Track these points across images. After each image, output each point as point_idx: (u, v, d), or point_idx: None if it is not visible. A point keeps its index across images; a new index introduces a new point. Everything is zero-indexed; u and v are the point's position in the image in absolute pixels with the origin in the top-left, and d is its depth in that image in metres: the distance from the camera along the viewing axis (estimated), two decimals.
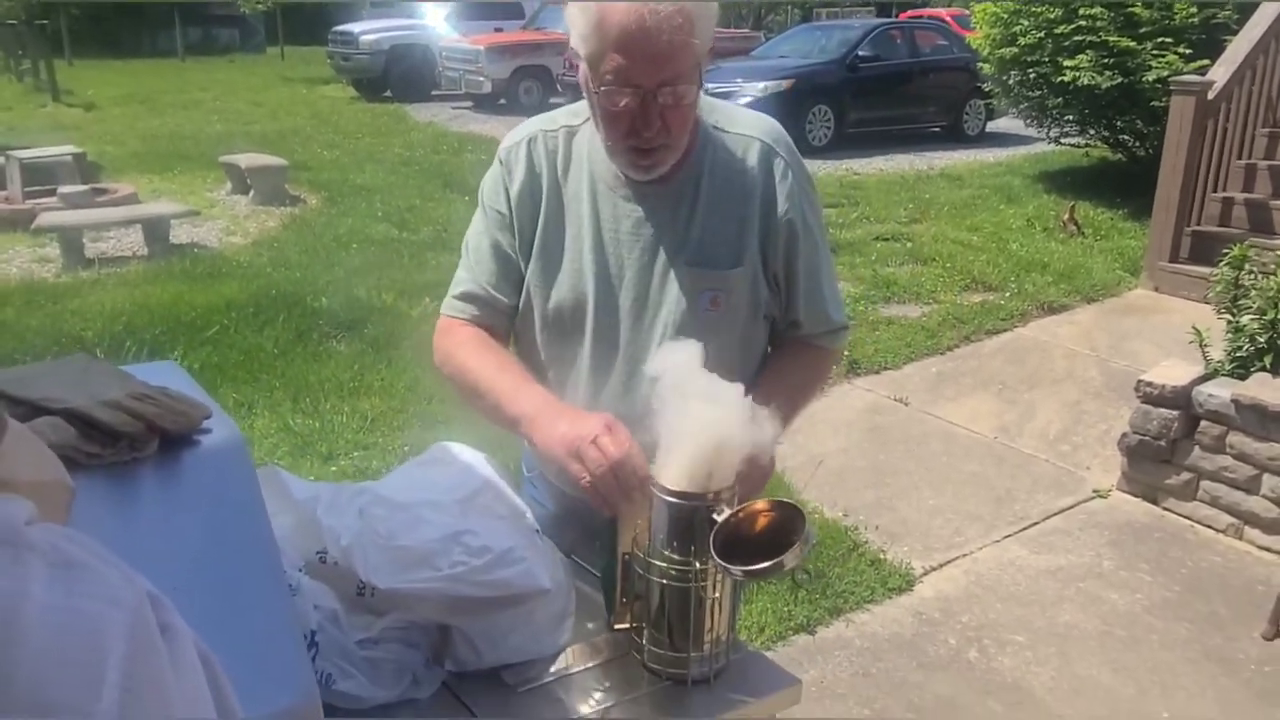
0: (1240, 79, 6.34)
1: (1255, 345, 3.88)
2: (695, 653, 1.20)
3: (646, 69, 1.29)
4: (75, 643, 0.55)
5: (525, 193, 1.50)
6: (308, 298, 5.77)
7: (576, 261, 1.47)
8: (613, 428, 1.25)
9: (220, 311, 5.49)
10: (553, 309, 1.49)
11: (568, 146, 1.51)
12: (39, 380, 1.03)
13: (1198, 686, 2.88)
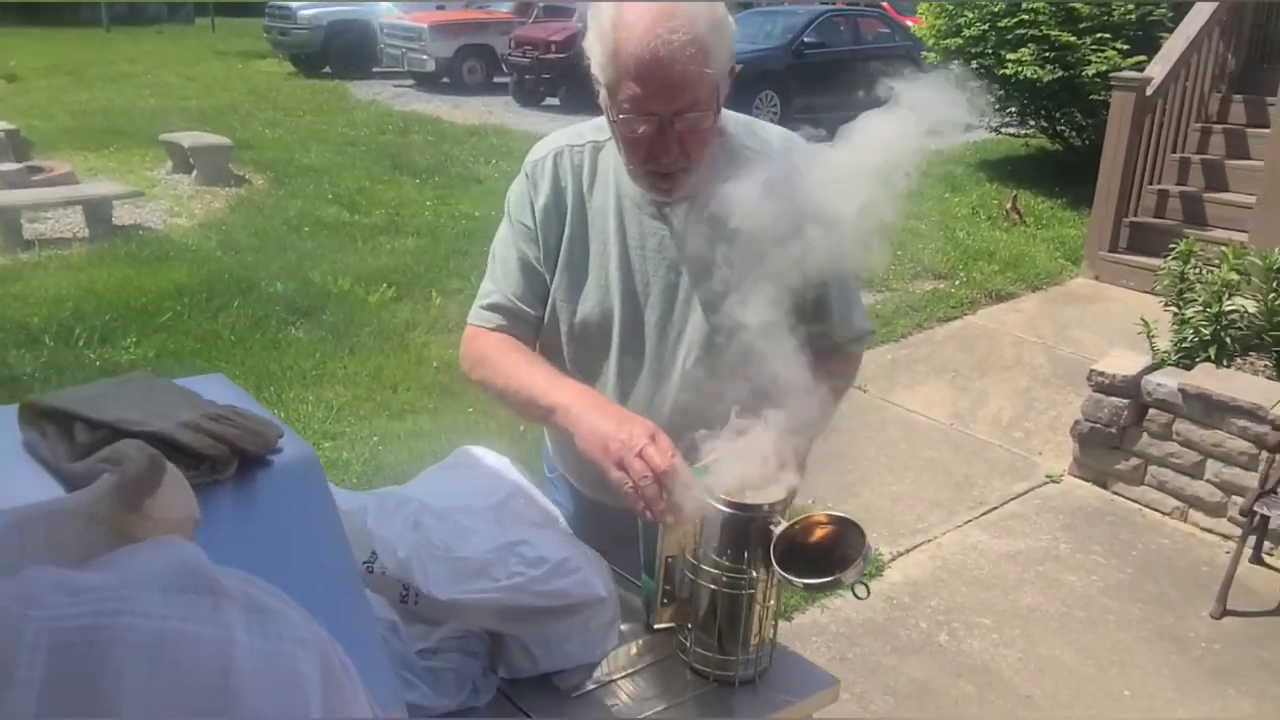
0: (1176, 76, 6.56)
1: (1200, 337, 4.05)
2: (743, 656, 1.25)
3: (662, 98, 1.32)
4: (281, 686, 0.57)
5: (551, 207, 1.52)
6: (262, 283, 5.67)
7: (603, 277, 1.50)
8: (657, 438, 1.26)
9: (172, 297, 5.38)
10: (579, 323, 1.51)
11: (594, 162, 1.53)
12: (109, 401, 1.02)
13: (1153, 665, 3.04)
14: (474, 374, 1.56)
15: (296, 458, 1.05)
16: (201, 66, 16.74)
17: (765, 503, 1.19)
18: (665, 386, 1.49)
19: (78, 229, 6.75)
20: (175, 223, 7.07)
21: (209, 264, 6.02)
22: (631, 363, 1.51)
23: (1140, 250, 6.47)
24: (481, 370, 1.53)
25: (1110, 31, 7.74)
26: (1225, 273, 4.02)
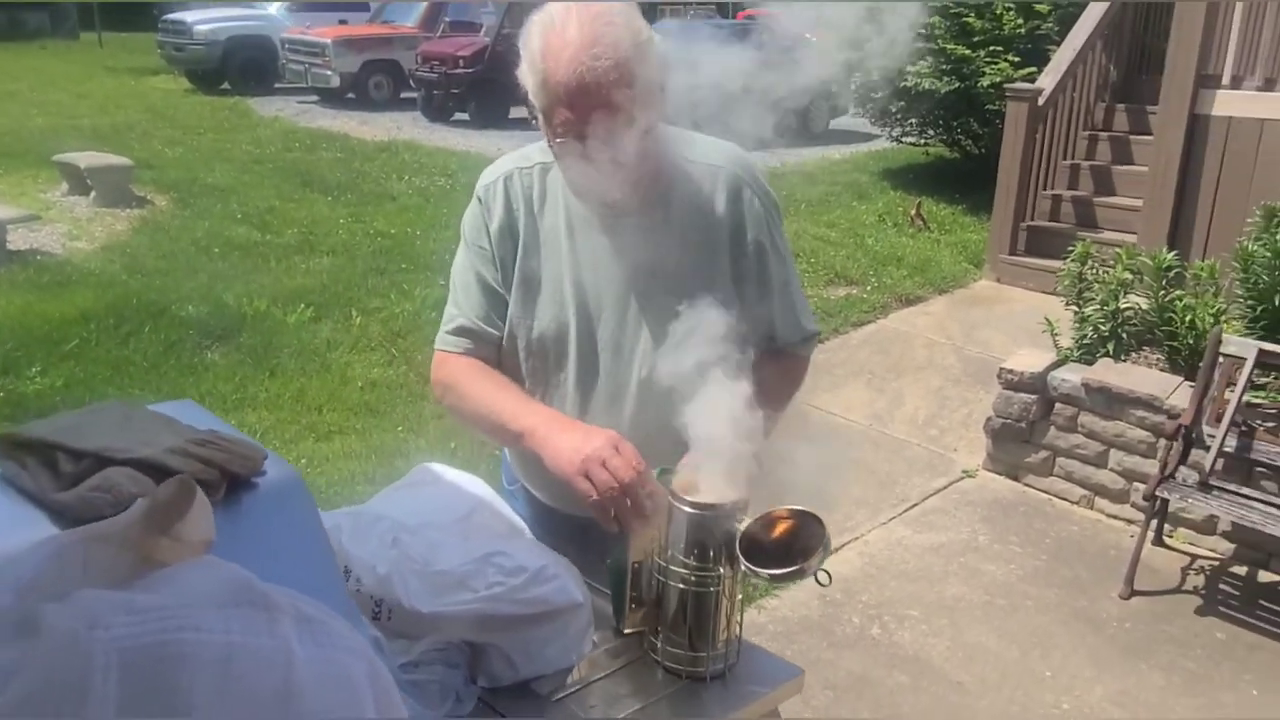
0: (1064, 86, 6.90)
1: (1099, 333, 4.28)
2: (712, 652, 1.30)
3: (591, 118, 1.36)
4: (337, 691, 0.60)
5: (504, 228, 1.56)
6: (172, 306, 5.52)
7: (557, 294, 1.54)
8: (620, 447, 1.32)
9: (77, 323, 5.20)
10: (536, 339, 1.56)
11: (543, 182, 1.57)
12: (89, 430, 1.03)
13: (1071, 646, 3.20)
14: (444, 400, 1.59)
15: (281, 478, 1.07)
16: (92, 83, 16.13)
17: (728, 501, 1.25)
18: (624, 397, 1.54)
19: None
20: (75, 246, 6.82)
21: (115, 288, 5.83)
22: (588, 375, 1.56)
23: (1038, 253, 6.78)
24: (450, 397, 1.57)
25: (1002, 45, 8.10)
26: (1120, 273, 4.26)
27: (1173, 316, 4.19)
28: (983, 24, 8.14)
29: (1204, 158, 5.62)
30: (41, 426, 1.03)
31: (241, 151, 10.28)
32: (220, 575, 0.62)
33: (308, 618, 0.62)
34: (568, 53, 1.34)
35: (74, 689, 0.52)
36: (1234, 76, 5.50)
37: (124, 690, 0.53)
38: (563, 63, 1.35)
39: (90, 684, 0.52)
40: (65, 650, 0.53)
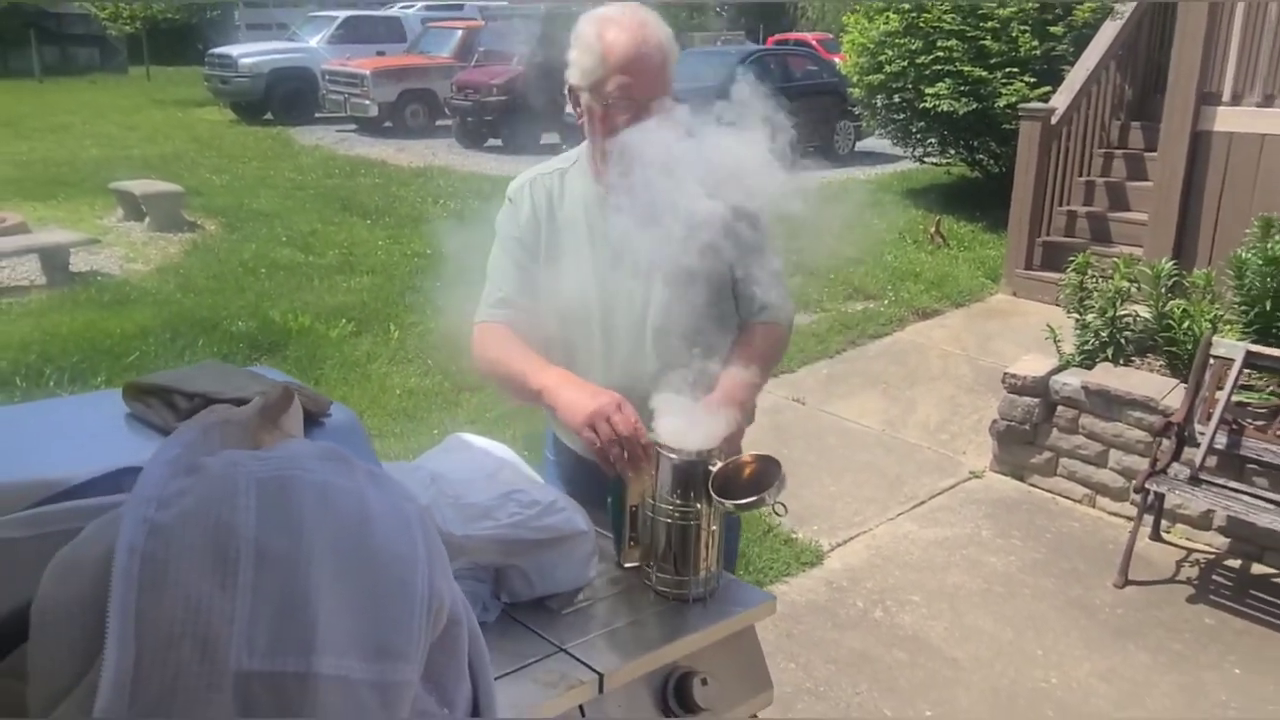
0: (1078, 105, 7.11)
1: (1099, 339, 4.48)
2: (695, 577, 1.55)
3: (644, 84, 1.71)
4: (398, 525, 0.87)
5: (530, 220, 1.89)
6: (223, 322, 5.88)
7: (579, 269, 1.85)
8: (622, 407, 1.61)
9: (136, 338, 5.56)
10: (564, 307, 1.85)
11: (561, 183, 1.91)
12: (196, 379, 1.31)
13: (1063, 628, 3.40)
14: (481, 367, 1.90)
15: (344, 421, 1.35)
16: (140, 115, 16.81)
17: (704, 449, 1.51)
18: (643, 348, 1.83)
19: (34, 277, 6.89)
20: (132, 268, 7.23)
21: (170, 306, 6.21)
22: (610, 331, 1.85)
23: (1053, 267, 6.95)
24: (485, 364, 1.88)
25: (1018, 66, 8.32)
26: (1118, 282, 4.47)
27: (1172, 323, 4.38)
28: (999, 46, 8.37)
29: (1207, 172, 5.81)
30: (160, 376, 1.32)
31: (284, 178, 10.74)
32: (315, 443, 0.89)
33: (376, 473, 0.89)
34: (625, 33, 1.71)
35: (226, 502, 0.79)
36: (1234, 94, 5.69)
37: (259, 504, 0.79)
38: (622, 39, 1.70)
39: (236, 499, 0.79)
40: (220, 479, 0.80)
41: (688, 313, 1.77)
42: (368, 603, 0.82)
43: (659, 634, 1.50)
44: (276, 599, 0.77)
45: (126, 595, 0.73)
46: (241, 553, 0.77)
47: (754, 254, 1.84)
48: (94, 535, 0.81)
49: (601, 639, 1.46)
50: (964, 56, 8.47)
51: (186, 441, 0.86)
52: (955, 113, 8.53)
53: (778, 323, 1.93)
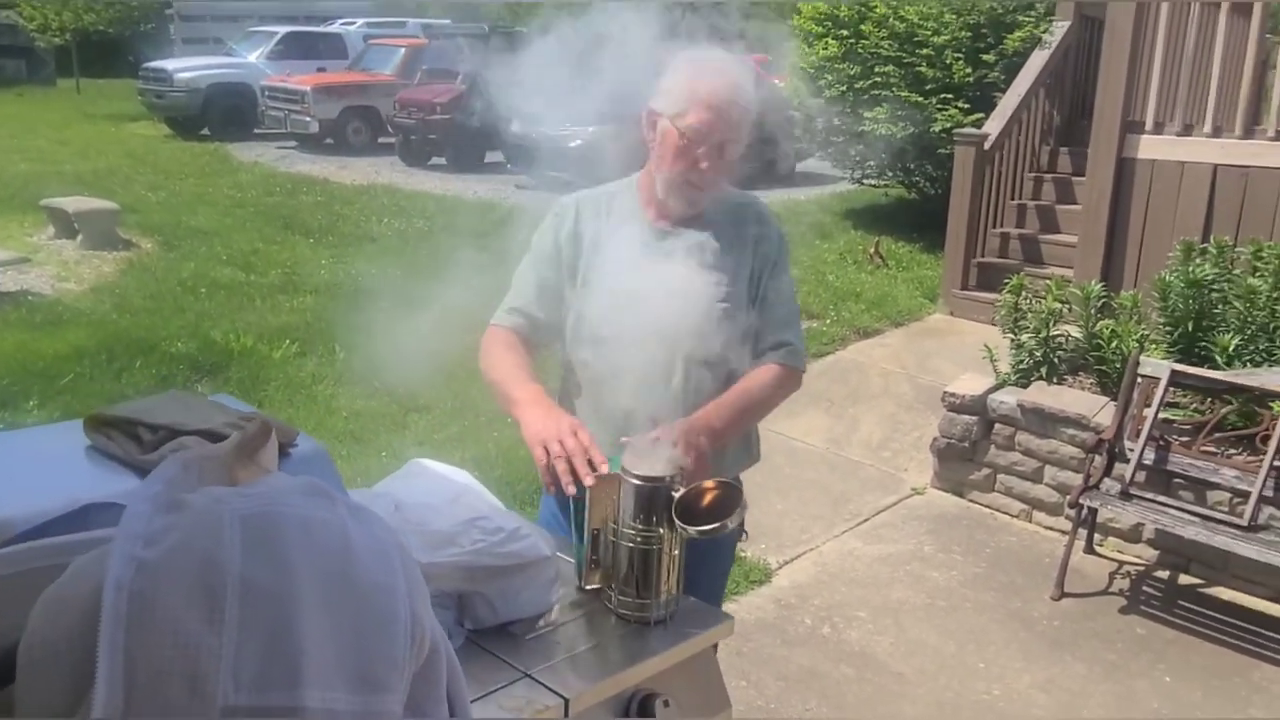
0: (1010, 131, 7.33)
1: (1033, 359, 4.63)
2: (656, 600, 1.59)
3: (720, 127, 1.82)
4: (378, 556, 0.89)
5: (573, 235, 1.98)
6: (162, 343, 5.77)
7: (616, 288, 1.91)
8: (578, 432, 1.67)
9: (70, 360, 5.44)
10: (597, 321, 1.91)
11: (609, 204, 2.01)
12: (160, 410, 1.31)
13: (1004, 641, 3.50)
14: (481, 366, 1.98)
15: (311, 450, 1.36)
16: (71, 130, 16.40)
17: (666, 475, 1.55)
18: (674, 361, 1.90)
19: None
20: (65, 287, 7.06)
21: (105, 327, 6.08)
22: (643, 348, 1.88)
23: (987, 287, 7.14)
24: (483, 364, 1.97)
25: (952, 92, 8.55)
26: (1051, 303, 4.62)
27: (1101, 343, 4.54)
28: (934, 72, 8.59)
29: (1131, 197, 6.03)
30: (122, 408, 1.32)
31: (223, 196, 10.57)
32: (297, 478, 0.91)
33: (355, 506, 0.91)
34: (720, 76, 1.83)
35: (211, 538, 0.81)
36: (1156, 123, 5.93)
37: (244, 539, 0.81)
38: (716, 80, 1.82)
39: (221, 535, 0.81)
40: (204, 515, 0.82)
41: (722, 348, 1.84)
42: (352, 634, 0.84)
43: (622, 657, 1.53)
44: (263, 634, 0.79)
45: (115, 633, 0.74)
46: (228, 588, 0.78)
47: (778, 294, 1.95)
48: (80, 572, 0.82)
49: (566, 663, 1.49)
50: (900, 82, 8.68)
51: (168, 478, 0.87)
52: (893, 136, 8.73)
53: (788, 365, 1.99)
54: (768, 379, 1.97)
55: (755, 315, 1.95)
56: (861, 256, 8.65)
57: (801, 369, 2.03)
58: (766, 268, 1.96)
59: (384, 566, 0.90)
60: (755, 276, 1.95)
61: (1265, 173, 5.58)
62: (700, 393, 1.90)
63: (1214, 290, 4.30)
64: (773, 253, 1.97)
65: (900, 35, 8.67)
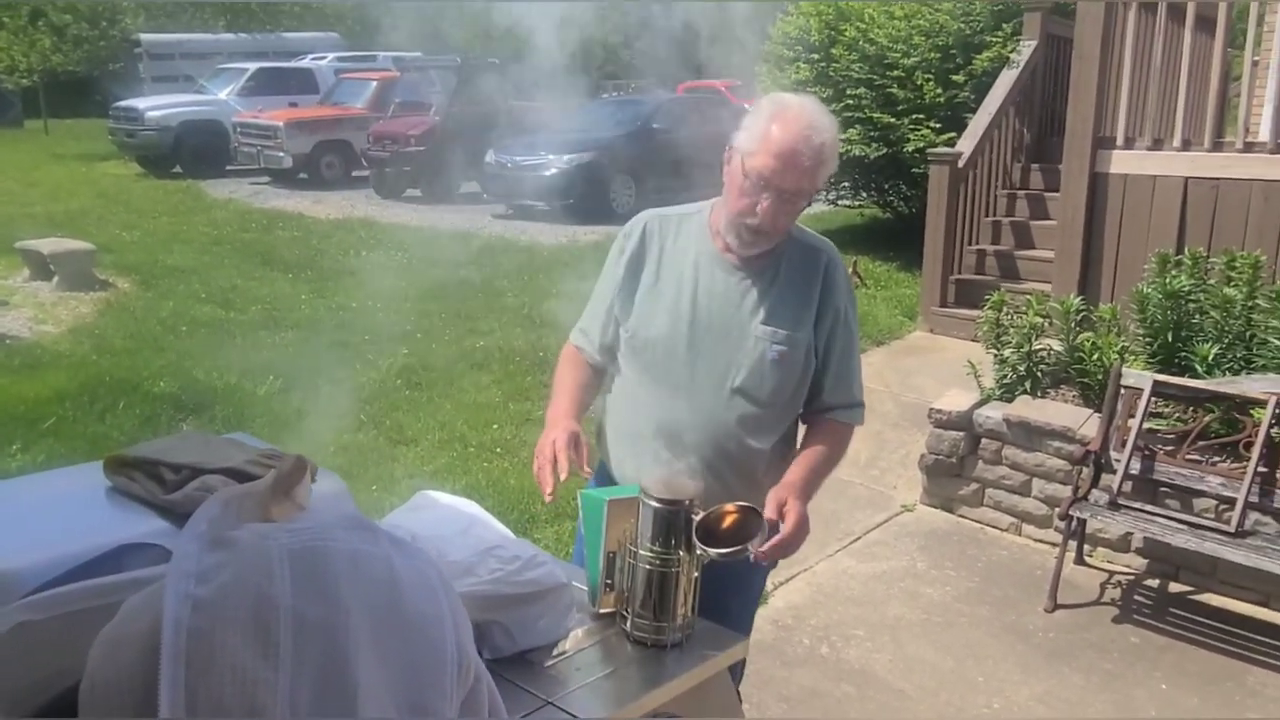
0: (982, 149, 7.45)
1: (1016, 373, 4.68)
2: (672, 624, 1.60)
3: (786, 176, 1.82)
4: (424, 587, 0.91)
5: (636, 256, 2.02)
6: (144, 383, 5.73)
7: (676, 307, 1.95)
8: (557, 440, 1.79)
9: (52, 402, 5.38)
10: (654, 337, 1.95)
11: (678, 227, 2.03)
12: (181, 450, 1.32)
13: (1001, 654, 3.52)
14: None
15: (330, 486, 1.37)
16: (41, 171, 16.29)
17: (686, 498, 1.57)
18: (722, 391, 1.92)
19: None
20: (43, 330, 7.00)
21: (86, 368, 6.03)
22: (693, 372, 1.94)
23: (966, 304, 7.23)
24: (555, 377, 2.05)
25: (923, 112, 8.68)
26: (1031, 318, 4.69)
27: (1082, 356, 4.61)
28: (905, 94, 8.73)
29: (1105, 212, 6.14)
30: (142, 449, 1.32)
31: (199, 233, 10.53)
32: (339, 512, 0.92)
33: (398, 539, 0.93)
34: (797, 124, 1.82)
35: (263, 573, 0.82)
36: (1127, 138, 6.05)
37: (294, 574, 0.82)
38: (789, 128, 1.82)
39: (271, 570, 0.82)
40: (253, 552, 0.83)
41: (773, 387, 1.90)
42: (403, 664, 0.85)
43: (640, 682, 1.54)
44: (316, 666, 0.80)
45: (176, 671, 0.75)
46: (281, 623, 0.80)
47: (848, 349, 1.99)
48: (135, 612, 0.82)
49: (585, 690, 1.50)
50: (872, 104, 8.81)
51: (211, 517, 0.88)
52: (866, 157, 8.85)
53: (851, 424, 2.04)
54: (844, 437, 2.03)
55: (819, 365, 1.97)
56: None
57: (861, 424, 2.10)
58: (835, 319, 1.97)
59: (430, 598, 0.91)
60: (822, 327, 1.95)
61: (1234, 184, 5.70)
62: (742, 427, 1.93)
63: (1191, 301, 4.38)
64: (842, 304, 1.98)
65: (871, 58, 8.80)
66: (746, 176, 1.84)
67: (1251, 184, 5.66)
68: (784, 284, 1.93)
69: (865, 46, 8.82)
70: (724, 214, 1.93)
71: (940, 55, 8.71)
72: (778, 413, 1.94)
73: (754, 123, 1.86)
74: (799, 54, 9.25)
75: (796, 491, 1.81)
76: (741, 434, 1.91)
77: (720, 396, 1.92)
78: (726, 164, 1.92)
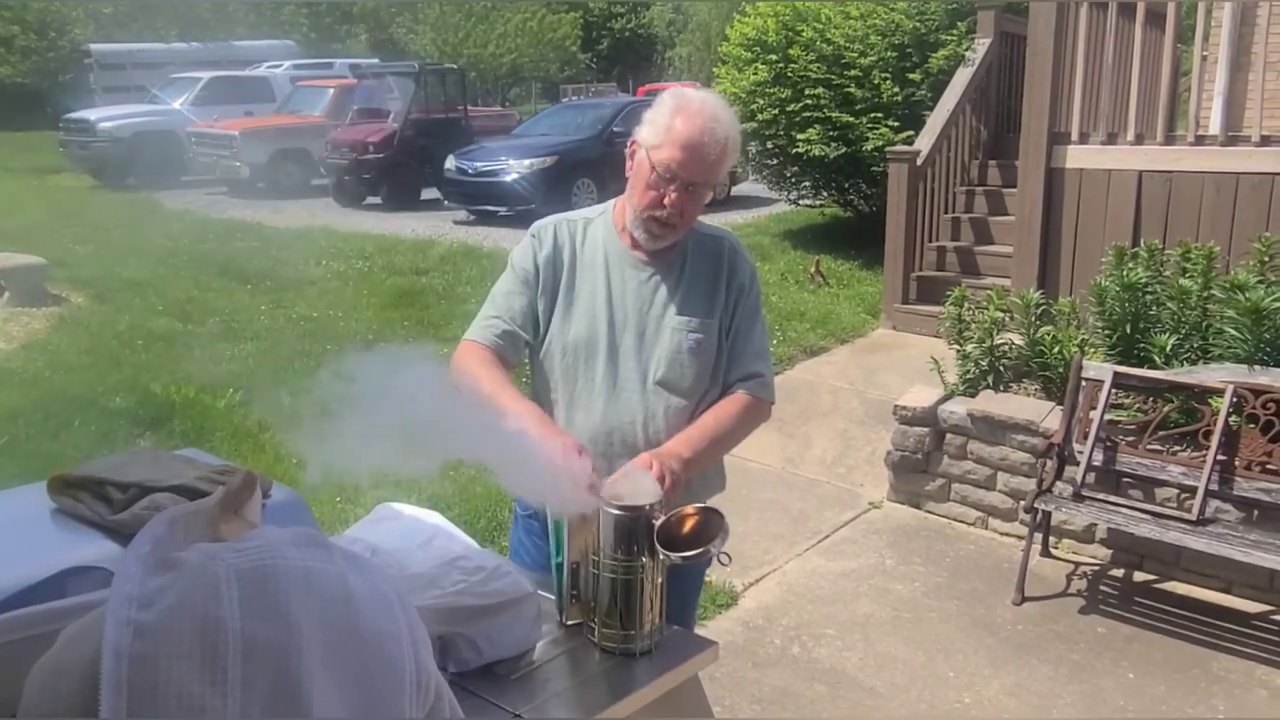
0: (940, 147, 7.50)
1: (979, 368, 4.72)
2: (640, 631, 1.58)
3: (693, 168, 1.86)
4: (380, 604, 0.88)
5: (550, 258, 2.00)
6: (100, 399, 5.61)
7: (592, 310, 1.95)
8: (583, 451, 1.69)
9: (5, 421, 5.25)
10: (572, 342, 1.96)
11: (584, 231, 2.03)
12: (129, 467, 1.28)
13: (971, 648, 3.53)
14: (458, 379, 1.93)
15: (286, 499, 1.33)
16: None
17: (646, 504, 1.55)
18: (646, 388, 1.94)
19: None
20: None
21: (40, 385, 5.89)
22: (613, 372, 1.95)
23: (928, 300, 7.28)
24: (466, 377, 1.92)
25: (881, 111, 8.73)
26: (992, 313, 4.72)
27: (1043, 349, 4.65)
28: (863, 93, 8.78)
29: (1062, 207, 6.21)
30: (89, 467, 1.28)
31: (155, 245, 10.34)
32: (289, 529, 0.89)
33: (352, 555, 0.90)
34: (697, 118, 1.86)
35: (210, 594, 0.79)
36: (1081, 133, 6.12)
37: (243, 594, 0.79)
38: (692, 121, 1.85)
39: (219, 591, 0.79)
40: (199, 573, 0.80)
41: (694, 375, 1.93)
42: (359, 684, 0.83)
43: (609, 691, 1.52)
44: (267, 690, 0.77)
45: (116, 701, 0.72)
46: (229, 647, 0.77)
47: (749, 328, 2.00)
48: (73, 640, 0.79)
49: (554, 701, 1.47)
50: (831, 103, 8.85)
51: (156, 538, 0.85)
52: (826, 157, 8.89)
53: (757, 396, 2.02)
54: (737, 409, 1.99)
55: (727, 347, 1.99)
56: (802, 276, 8.76)
57: (770, 400, 2.07)
58: (740, 301, 2.00)
59: (386, 615, 0.88)
60: (728, 309, 1.99)
61: (1187, 176, 5.79)
62: (669, 419, 1.94)
63: (1148, 293, 4.43)
64: (745, 286, 2.01)
65: (828, 58, 8.84)
66: (654, 169, 1.87)
67: (1204, 176, 5.75)
68: (692, 275, 1.98)
69: (822, 46, 8.86)
70: (630, 209, 1.95)
71: (897, 54, 8.77)
72: (701, 401, 1.97)
73: (657, 117, 1.89)
74: (757, 55, 9.27)
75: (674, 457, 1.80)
76: (669, 427, 1.92)
77: (645, 393, 1.95)
78: (630, 159, 1.95)
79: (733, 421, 1.99)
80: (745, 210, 13.02)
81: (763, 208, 13.03)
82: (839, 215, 10.89)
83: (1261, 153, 5.61)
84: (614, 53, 35.67)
